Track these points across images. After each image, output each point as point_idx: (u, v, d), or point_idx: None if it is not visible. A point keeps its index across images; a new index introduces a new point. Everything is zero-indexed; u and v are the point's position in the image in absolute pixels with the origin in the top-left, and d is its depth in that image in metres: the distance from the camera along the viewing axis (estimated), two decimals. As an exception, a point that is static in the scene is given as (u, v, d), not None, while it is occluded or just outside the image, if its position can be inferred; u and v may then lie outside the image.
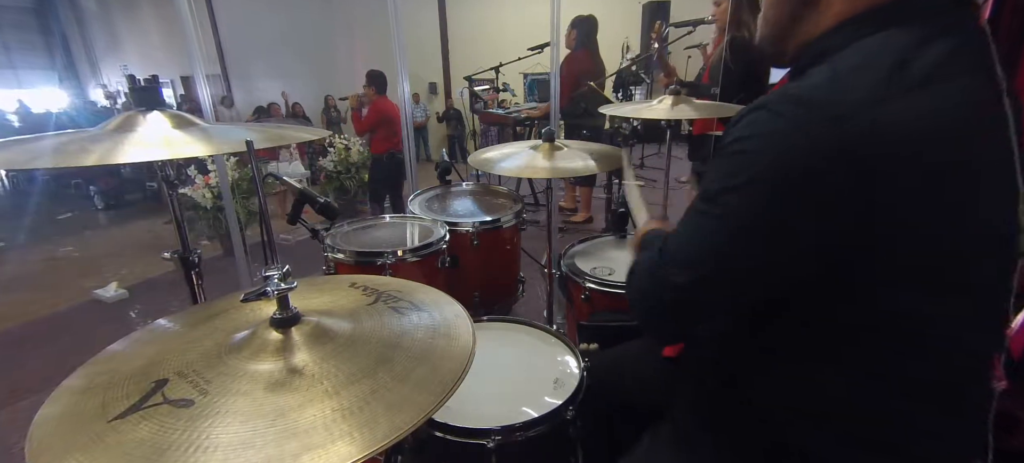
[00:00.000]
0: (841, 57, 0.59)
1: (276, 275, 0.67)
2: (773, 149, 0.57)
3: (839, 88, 0.56)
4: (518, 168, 1.51)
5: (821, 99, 0.55)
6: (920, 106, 0.53)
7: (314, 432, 0.53)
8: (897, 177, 0.53)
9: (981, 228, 0.57)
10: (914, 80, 0.54)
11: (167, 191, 1.17)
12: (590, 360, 1.15)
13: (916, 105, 0.53)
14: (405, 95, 2.90)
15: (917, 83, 0.54)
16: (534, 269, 2.81)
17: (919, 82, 0.54)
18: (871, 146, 0.52)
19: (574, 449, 1.07)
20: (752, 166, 0.58)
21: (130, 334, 0.75)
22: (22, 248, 5.33)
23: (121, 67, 12.46)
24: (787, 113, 0.56)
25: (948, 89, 0.54)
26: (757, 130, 0.58)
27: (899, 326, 0.59)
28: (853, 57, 0.58)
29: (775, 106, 0.57)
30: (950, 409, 0.62)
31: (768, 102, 0.58)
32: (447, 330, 0.73)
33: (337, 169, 4.89)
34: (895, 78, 0.54)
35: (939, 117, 0.53)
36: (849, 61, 0.58)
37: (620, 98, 5.19)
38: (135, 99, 1.00)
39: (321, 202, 1.39)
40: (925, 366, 0.60)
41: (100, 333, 3.09)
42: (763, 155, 0.57)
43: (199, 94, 2.35)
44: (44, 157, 0.86)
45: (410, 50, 2.81)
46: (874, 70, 0.55)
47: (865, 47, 0.59)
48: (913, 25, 0.58)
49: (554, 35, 2.47)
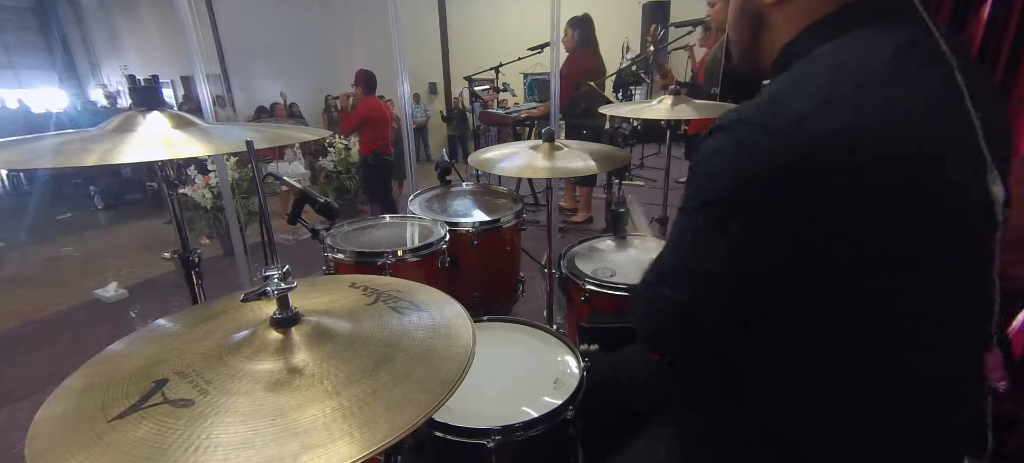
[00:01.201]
0: (797, 66, 0.62)
1: (276, 275, 0.67)
2: (726, 168, 0.58)
3: (781, 100, 0.57)
4: (518, 168, 1.51)
5: (763, 115, 0.57)
6: (869, 106, 0.54)
7: (314, 432, 0.53)
8: (847, 180, 0.53)
9: (948, 215, 0.57)
10: (864, 81, 0.55)
11: (167, 191, 1.17)
12: (590, 360, 1.16)
13: (865, 105, 0.54)
14: (405, 95, 2.90)
15: (868, 83, 0.55)
16: (534, 269, 2.81)
17: (869, 82, 0.55)
18: (815, 154, 0.53)
19: (574, 449, 1.07)
20: (712, 186, 0.60)
21: (130, 334, 0.75)
22: (22, 248, 5.33)
23: (121, 67, 12.47)
24: (735, 131, 0.58)
25: (899, 86, 0.55)
26: (715, 149, 0.60)
27: (880, 325, 0.59)
28: (805, 66, 0.61)
29: (727, 125, 0.59)
30: (933, 405, 0.63)
31: (721, 122, 0.60)
32: (447, 330, 0.73)
33: (337, 169, 4.90)
34: (844, 81, 0.55)
35: (898, 110, 0.54)
36: (801, 70, 0.61)
37: (620, 98, 5.20)
38: (135, 99, 1.00)
39: (321, 202, 1.39)
40: (910, 363, 0.60)
41: (100, 333, 3.10)
42: (719, 175, 0.59)
43: (199, 94, 2.35)
44: (44, 157, 0.86)
45: (410, 50, 2.81)
46: (821, 76, 0.58)
47: (819, 55, 0.61)
48: (866, 28, 0.60)
49: (554, 35, 2.47)
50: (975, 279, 0.61)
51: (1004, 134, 0.63)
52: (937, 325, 0.60)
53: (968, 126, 0.56)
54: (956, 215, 0.57)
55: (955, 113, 0.56)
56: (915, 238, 0.56)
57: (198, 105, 2.54)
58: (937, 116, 0.56)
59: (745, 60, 0.77)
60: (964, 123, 0.56)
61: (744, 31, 0.74)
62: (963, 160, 0.57)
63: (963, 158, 0.57)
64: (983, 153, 0.56)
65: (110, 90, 12.31)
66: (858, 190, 0.53)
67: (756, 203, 0.57)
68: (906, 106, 0.54)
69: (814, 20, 0.64)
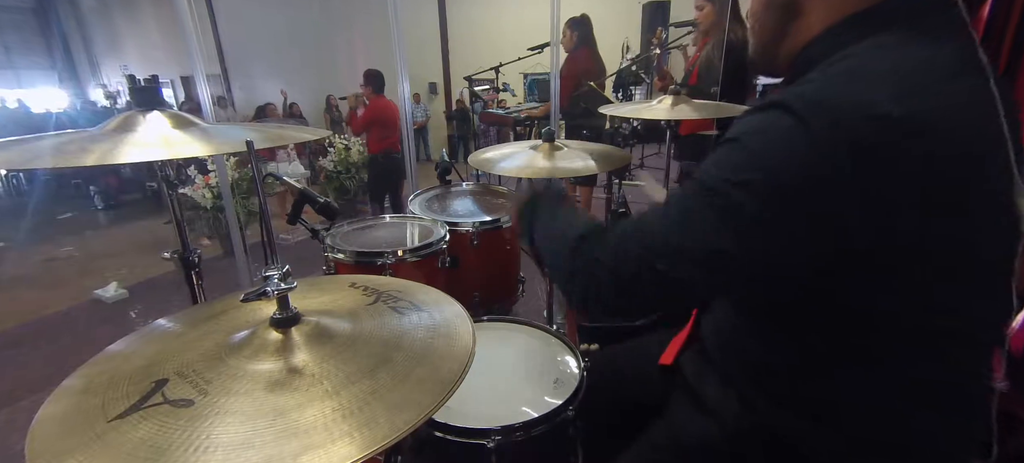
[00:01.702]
0: (830, 64, 0.60)
1: (276, 275, 0.67)
2: (777, 149, 0.56)
3: (836, 92, 0.56)
4: (518, 168, 1.51)
5: (821, 102, 0.55)
6: (918, 105, 0.53)
7: (314, 432, 0.53)
8: (897, 176, 0.53)
9: (985, 219, 0.57)
10: (908, 82, 0.54)
11: (167, 191, 1.17)
12: (590, 360, 1.15)
13: (915, 105, 0.53)
14: (405, 95, 2.90)
15: (911, 84, 0.54)
16: (534, 269, 2.80)
17: (913, 83, 0.54)
18: (869, 148, 0.52)
19: (574, 449, 1.07)
20: (757, 164, 0.57)
21: (130, 334, 0.75)
22: (22, 248, 5.33)
23: (121, 67, 12.46)
24: (793, 113, 0.55)
25: (939, 88, 0.54)
26: (763, 127, 0.58)
27: (902, 323, 0.59)
28: (843, 63, 0.59)
29: (782, 105, 0.57)
30: (951, 407, 0.63)
31: (775, 101, 0.58)
32: (447, 330, 0.73)
33: (337, 169, 4.90)
34: (889, 81, 0.54)
35: (935, 114, 0.53)
36: (840, 67, 0.59)
37: (620, 98, 5.20)
38: (135, 99, 1.00)
39: (321, 202, 1.39)
40: (929, 363, 0.60)
41: (100, 333, 3.09)
42: (767, 154, 0.56)
43: (199, 94, 2.35)
44: (44, 157, 0.86)
45: (410, 50, 2.81)
46: (866, 75, 0.56)
47: (853, 53, 0.59)
48: (897, 29, 0.58)
49: (554, 35, 2.47)
50: (999, 286, 0.61)
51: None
52: (971, 321, 0.60)
53: (1002, 137, 0.56)
54: (991, 218, 0.58)
55: (994, 121, 0.56)
56: (954, 235, 0.56)
57: (198, 105, 2.54)
58: (982, 120, 0.56)
59: (760, 52, 0.74)
60: (1000, 133, 0.57)
61: (771, 18, 0.71)
62: (1000, 167, 0.57)
63: (1000, 165, 0.57)
64: (1011, 164, 0.57)
65: (110, 90, 12.32)
66: (908, 181, 0.52)
67: (801, 186, 0.54)
68: (963, 103, 0.54)
69: (852, 12, 0.62)
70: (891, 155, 0.52)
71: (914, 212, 0.54)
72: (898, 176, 0.52)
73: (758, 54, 0.75)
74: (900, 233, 0.54)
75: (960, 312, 0.60)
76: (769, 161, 0.56)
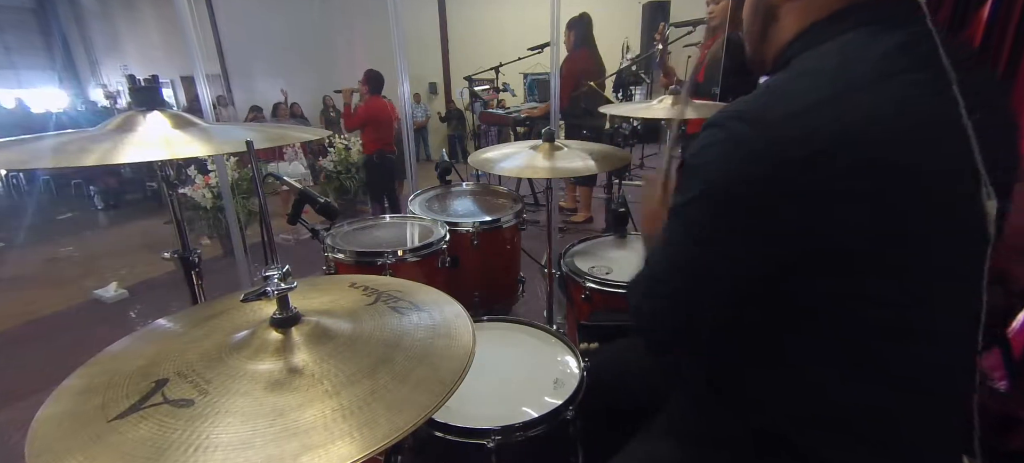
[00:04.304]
0: (795, 63, 0.63)
1: (276, 275, 0.67)
2: (717, 163, 0.60)
3: (775, 99, 0.58)
4: (518, 168, 1.51)
5: (756, 111, 0.58)
6: (856, 106, 0.54)
7: (314, 432, 0.53)
8: (833, 178, 0.54)
9: (927, 223, 0.57)
10: (854, 82, 0.56)
11: (167, 191, 1.17)
12: (590, 360, 1.15)
13: (852, 106, 0.54)
14: (405, 95, 2.90)
15: (857, 84, 0.55)
16: (534, 269, 2.81)
17: (858, 83, 0.56)
18: (802, 151, 0.54)
19: (574, 449, 1.07)
20: (702, 180, 0.61)
21: (130, 334, 0.75)
22: (22, 248, 5.32)
23: (121, 67, 12.46)
24: (727, 126, 0.59)
25: (887, 87, 0.55)
26: (706, 144, 0.61)
27: (872, 320, 0.60)
28: (802, 64, 0.62)
29: (720, 121, 0.60)
30: (926, 406, 0.63)
31: (715, 118, 0.61)
32: (447, 330, 0.73)
33: (337, 169, 4.89)
34: (835, 81, 0.56)
35: (876, 115, 0.54)
36: (798, 68, 0.62)
37: (620, 98, 5.19)
38: (135, 99, 1.00)
39: (321, 202, 1.39)
40: (900, 360, 0.61)
41: (100, 333, 3.09)
42: (710, 169, 0.60)
43: (199, 94, 2.35)
44: (44, 157, 0.86)
45: (410, 50, 2.81)
46: (815, 75, 0.59)
47: (816, 54, 0.62)
48: (865, 28, 0.60)
49: (554, 35, 2.47)
50: (963, 289, 0.61)
51: (1008, 150, 0.63)
52: (926, 328, 0.60)
53: (958, 138, 0.56)
54: (938, 221, 0.57)
55: (939, 122, 0.56)
56: (891, 242, 0.56)
57: (198, 105, 2.54)
58: (910, 123, 0.55)
59: (755, 55, 0.78)
60: (951, 134, 0.56)
61: (755, 23, 0.75)
62: (945, 170, 0.57)
63: (945, 168, 0.57)
64: (977, 167, 0.56)
65: (110, 90, 12.31)
66: (831, 191, 0.54)
67: (745, 197, 0.58)
68: (880, 112, 0.54)
69: (818, 18, 0.65)
70: (818, 164, 0.53)
71: (846, 217, 0.55)
72: (826, 184, 0.54)
73: (750, 55, 0.79)
74: (836, 238, 0.56)
75: (919, 312, 0.60)
76: (710, 175, 0.60)
